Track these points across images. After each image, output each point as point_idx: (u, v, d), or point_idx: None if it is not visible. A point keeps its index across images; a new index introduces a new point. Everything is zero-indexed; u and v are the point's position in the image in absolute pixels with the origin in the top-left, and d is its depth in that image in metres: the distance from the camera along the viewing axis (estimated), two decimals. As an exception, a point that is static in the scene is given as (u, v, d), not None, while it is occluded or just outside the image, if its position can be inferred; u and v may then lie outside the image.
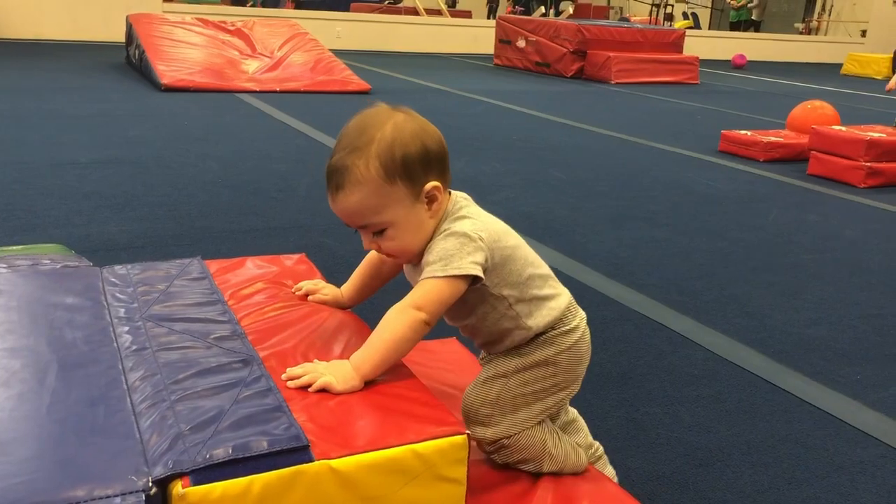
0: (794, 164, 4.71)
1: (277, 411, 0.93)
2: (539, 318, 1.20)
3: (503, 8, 16.91)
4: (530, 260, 1.22)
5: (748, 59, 12.89)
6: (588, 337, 1.27)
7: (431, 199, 1.14)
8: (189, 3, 10.99)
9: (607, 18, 16.93)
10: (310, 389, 1.01)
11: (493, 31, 10.92)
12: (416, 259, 1.18)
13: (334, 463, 0.87)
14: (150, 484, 0.81)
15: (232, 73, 6.69)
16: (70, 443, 0.87)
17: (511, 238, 1.20)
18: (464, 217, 1.16)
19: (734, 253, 3.00)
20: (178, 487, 0.82)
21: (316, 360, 1.07)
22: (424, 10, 13.39)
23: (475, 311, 1.20)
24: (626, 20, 15.21)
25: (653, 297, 2.46)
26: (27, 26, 9.52)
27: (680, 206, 3.66)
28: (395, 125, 1.12)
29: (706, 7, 19.20)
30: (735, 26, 16.59)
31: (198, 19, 7.65)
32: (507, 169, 4.22)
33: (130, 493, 0.80)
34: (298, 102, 6.02)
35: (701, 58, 10.25)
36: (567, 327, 1.23)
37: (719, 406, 1.82)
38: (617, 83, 9.01)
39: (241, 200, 3.23)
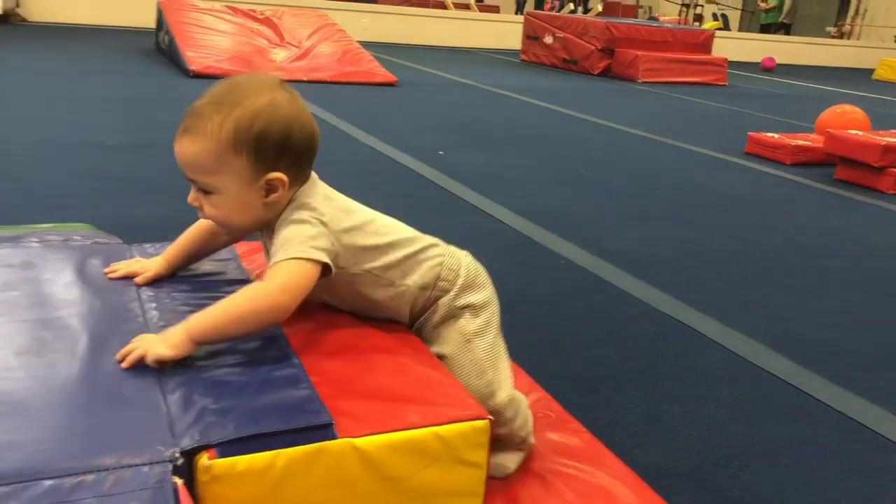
0: (821, 169, 4.66)
1: (302, 388, 0.94)
2: (417, 277, 1.17)
3: (531, 4, 16.85)
4: (389, 230, 1.18)
5: (778, 62, 12.76)
6: (473, 265, 1.24)
7: (271, 190, 1.08)
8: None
9: (636, 17, 16.83)
10: (147, 361, 0.97)
11: (520, 27, 10.89)
12: (238, 235, 1.16)
13: (357, 441, 0.89)
14: (178, 454, 0.83)
15: (259, 61, 6.72)
16: (99, 412, 0.89)
17: (358, 215, 1.16)
18: (305, 204, 1.11)
19: (757, 255, 2.98)
20: (203, 459, 0.83)
21: (166, 331, 1.02)
22: (452, 4, 13.38)
23: (359, 293, 1.16)
24: (655, 20, 15.11)
25: (675, 296, 2.45)
26: (61, 10, 9.63)
27: (704, 207, 3.64)
28: (271, 100, 1.06)
29: (737, 9, 19.02)
30: (765, 29, 16.42)
31: (227, 7, 7.70)
32: (531, 165, 4.21)
33: (158, 462, 0.81)
34: (325, 92, 6.04)
35: (730, 59, 10.16)
36: (455, 275, 1.20)
37: (739, 406, 1.81)
38: (644, 82, 8.95)
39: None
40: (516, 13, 15.39)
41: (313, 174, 1.16)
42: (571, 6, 15.22)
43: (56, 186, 3.00)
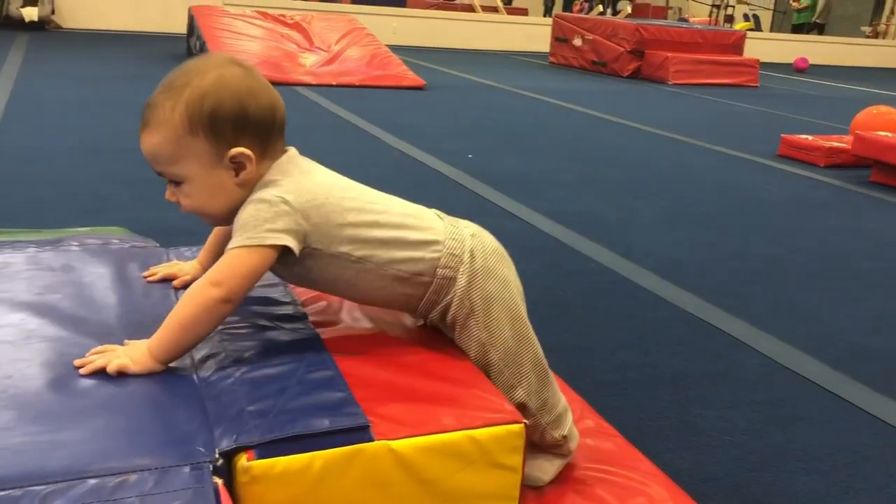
0: (856, 171, 4.59)
1: (338, 391, 0.95)
2: (410, 263, 1.09)
3: (560, 6, 16.81)
4: (375, 207, 1.10)
5: (811, 62, 12.59)
6: (481, 246, 1.14)
7: (239, 167, 1.04)
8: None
9: (665, 19, 16.71)
10: (108, 370, 0.97)
11: (549, 29, 10.87)
12: (224, 222, 1.10)
13: (393, 444, 0.89)
14: (217, 455, 0.84)
15: (289, 66, 6.78)
16: (140, 413, 0.90)
17: (339, 190, 1.09)
18: (270, 182, 1.05)
19: (791, 258, 2.94)
20: (242, 460, 0.85)
21: (127, 342, 1.03)
22: (480, 6, 13.38)
23: (341, 279, 1.08)
24: (685, 21, 14.99)
25: (707, 299, 2.43)
26: (94, 17, 9.79)
27: (736, 209, 3.61)
28: (219, 76, 1.03)
29: (768, 9, 18.81)
30: (798, 29, 16.22)
31: (257, 12, 7.78)
32: (560, 167, 4.20)
33: (198, 463, 0.82)
34: (354, 96, 6.07)
35: (761, 60, 10.05)
36: (458, 261, 1.10)
37: (774, 411, 1.79)
38: (674, 84, 8.89)
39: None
40: (544, 15, 15.36)
41: (292, 149, 1.12)
42: (600, 8, 15.16)
43: (91, 190, 3.05)
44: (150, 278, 1.28)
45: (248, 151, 1.04)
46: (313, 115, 5.25)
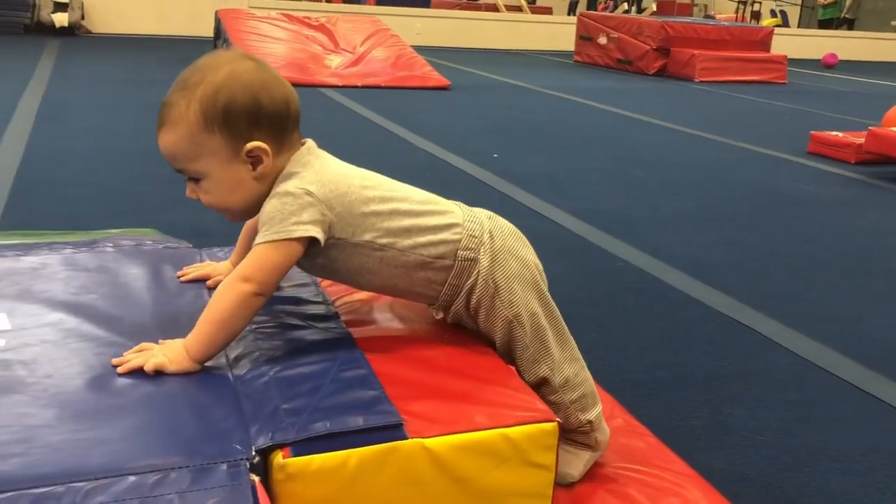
0: (888, 168, 4.53)
1: (371, 389, 0.96)
2: (431, 247, 1.09)
3: (584, 4, 16.74)
4: (394, 195, 1.11)
5: (840, 58, 12.42)
6: (499, 228, 1.16)
7: (256, 161, 1.05)
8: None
9: (691, 16, 16.57)
10: (146, 369, 0.98)
11: (573, 28, 10.82)
12: (246, 217, 1.12)
13: (427, 442, 0.89)
14: (254, 453, 0.85)
15: (315, 67, 6.82)
16: (178, 411, 0.91)
17: (359, 179, 1.10)
18: (292, 174, 1.06)
19: (822, 256, 2.91)
20: (278, 458, 0.85)
21: (163, 341, 1.04)
22: (504, 6, 13.35)
23: (365, 268, 1.09)
24: (711, 17, 14.86)
25: (737, 298, 2.41)
26: (121, 22, 9.91)
27: (765, 208, 3.57)
28: (231, 71, 1.04)
29: (795, 4, 18.58)
30: (825, 24, 16.00)
31: (283, 14, 7.83)
32: (586, 166, 4.19)
33: (235, 460, 0.83)
34: (379, 97, 6.09)
35: (789, 57, 9.93)
36: (479, 242, 1.12)
37: (807, 411, 1.77)
38: (701, 81, 8.81)
39: (325, 191, 3.29)
40: (569, 14, 15.30)
41: (310, 141, 1.12)
42: (625, 6, 15.07)
43: (122, 193, 3.09)
44: (184, 278, 1.30)
45: (263, 145, 1.05)
46: (339, 116, 5.27)
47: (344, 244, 1.07)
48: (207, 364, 1.03)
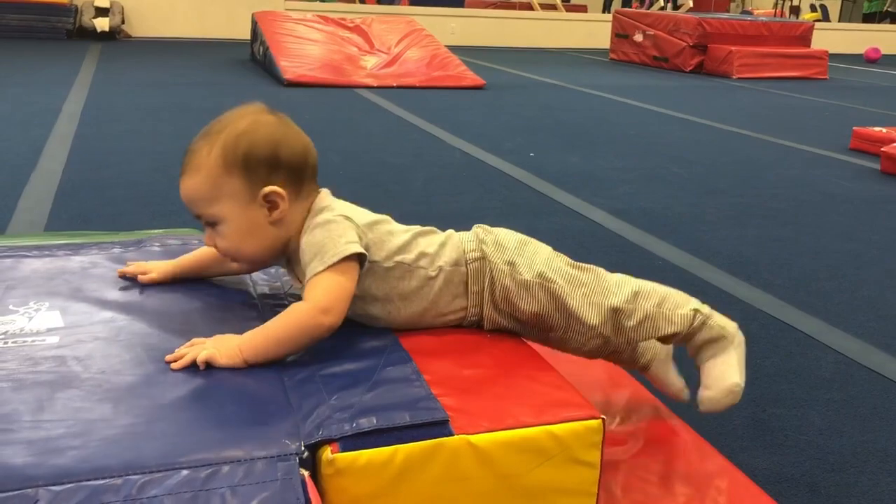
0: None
1: (416, 386, 0.97)
2: (447, 256, 1.16)
3: (619, 1, 16.61)
4: (400, 228, 1.19)
5: (883, 52, 12.16)
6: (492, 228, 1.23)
7: (272, 206, 1.10)
8: (310, 0, 11.33)
9: (728, 12, 16.36)
10: (197, 361, 1.00)
11: (608, 26, 10.75)
12: (255, 267, 1.17)
13: (473, 438, 0.90)
14: (303, 448, 0.86)
15: (350, 68, 6.87)
16: (228, 407, 0.93)
17: (374, 216, 1.18)
18: (322, 209, 1.13)
19: (866, 254, 2.86)
20: (327, 453, 0.87)
21: (216, 337, 1.05)
22: (539, 4, 13.31)
23: (396, 289, 1.13)
24: (749, 13, 14.65)
25: (779, 296, 2.38)
26: (161, 25, 10.07)
27: (807, 205, 3.52)
28: (253, 121, 1.11)
29: (836, -2, 18.23)
30: (869, 18, 15.68)
31: (318, 16, 7.89)
32: (624, 164, 4.16)
33: (285, 455, 0.85)
34: (414, 97, 6.11)
35: (830, 52, 9.76)
36: (475, 241, 1.19)
37: (852, 411, 1.74)
38: (739, 78, 8.69)
39: (361, 192, 3.30)
40: (604, 11, 15.20)
41: (325, 190, 1.18)
42: (661, 2, 14.92)
43: (163, 194, 3.14)
44: (120, 271, 1.30)
45: (280, 190, 1.09)
46: (375, 117, 5.30)
47: (377, 268, 1.11)
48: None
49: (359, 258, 1.08)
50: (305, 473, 0.84)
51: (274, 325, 1.04)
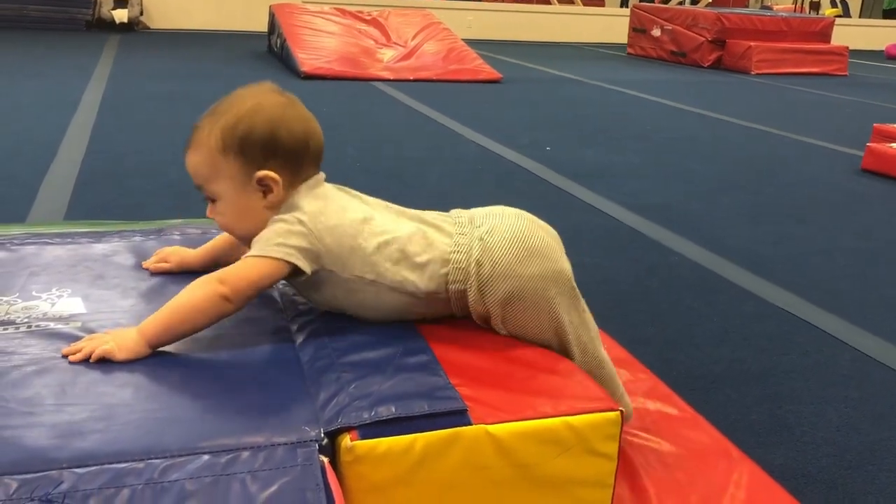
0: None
1: (435, 375, 0.98)
2: (419, 282, 1.09)
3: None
4: (386, 230, 1.11)
5: (904, 49, 12.04)
6: (489, 254, 1.11)
7: (267, 189, 1.10)
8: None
9: (747, 6, 16.23)
10: (91, 359, 0.99)
11: (626, 20, 10.70)
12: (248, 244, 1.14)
13: (491, 428, 0.91)
14: (322, 435, 0.87)
15: (367, 61, 6.87)
16: (248, 394, 0.94)
17: (352, 212, 1.11)
18: (291, 205, 1.10)
19: (884, 253, 2.84)
20: (346, 440, 0.88)
21: (113, 330, 1.05)
22: (556, -1, 13.27)
23: (365, 301, 1.10)
24: (769, 8, 14.53)
25: (796, 294, 2.37)
26: (179, 17, 10.11)
27: (825, 202, 3.49)
28: (257, 104, 1.11)
29: (857, -6, 18.05)
30: (889, 14, 15.51)
31: (336, 9, 7.89)
32: (641, 160, 4.15)
33: (305, 441, 0.86)
34: (431, 91, 6.11)
35: (851, 48, 9.67)
36: (466, 274, 1.10)
37: (870, 408, 1.74)
38: (758, 74, 8.63)
39: (378, 185, 3.32)
40: (621, 6, 15.12)
41: (321, 174, 1.16)
42: (679, -3, 14.81)
43: (180, 184, 3.15)
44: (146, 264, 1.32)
45: (274, 175, 1.10)
46: (392, 110, 5.31)
47: (336, 278, 1.09)
48: (275, 348, 1.05)
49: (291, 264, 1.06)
50: (325, 460, 0.85)
51: (174, 301, 1.04)
